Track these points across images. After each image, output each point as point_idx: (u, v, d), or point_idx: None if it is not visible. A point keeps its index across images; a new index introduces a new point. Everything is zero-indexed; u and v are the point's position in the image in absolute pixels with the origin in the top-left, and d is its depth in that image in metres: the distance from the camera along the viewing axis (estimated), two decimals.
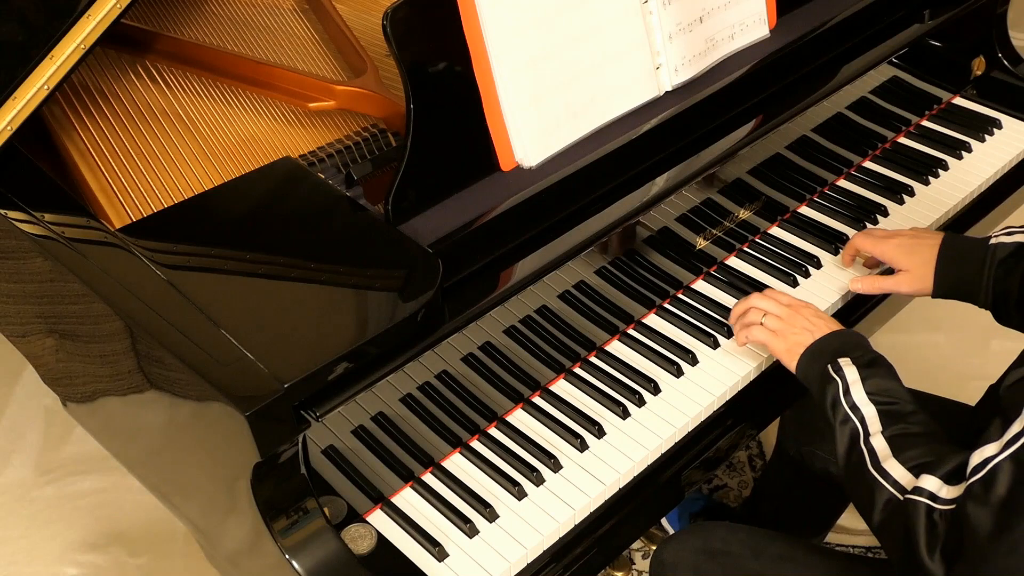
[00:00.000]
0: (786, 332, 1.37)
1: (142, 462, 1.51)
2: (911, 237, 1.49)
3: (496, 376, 1.37)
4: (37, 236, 1.29)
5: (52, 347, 1.48)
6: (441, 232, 1.28)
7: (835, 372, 1.28)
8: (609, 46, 1.41)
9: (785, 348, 1.36)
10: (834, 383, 1.27)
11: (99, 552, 2.14)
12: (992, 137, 1.87)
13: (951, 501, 1.10)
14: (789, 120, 1.60)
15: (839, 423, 1.25)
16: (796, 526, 1.86)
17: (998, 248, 1.42)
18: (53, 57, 1.28)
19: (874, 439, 1.21)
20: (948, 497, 1.10)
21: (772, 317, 1.39)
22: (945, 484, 1.11)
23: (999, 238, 1.43)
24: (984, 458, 1.05)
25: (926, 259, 1.46)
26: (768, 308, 1.40)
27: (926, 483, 1.12)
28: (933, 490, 1.11)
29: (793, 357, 1.35)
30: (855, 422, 1.23)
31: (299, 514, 1.15)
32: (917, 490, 1.12)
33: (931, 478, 1.12)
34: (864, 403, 1.24)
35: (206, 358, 1.10)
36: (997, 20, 1.93)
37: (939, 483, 1.11)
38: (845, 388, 1.26)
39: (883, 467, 1.18)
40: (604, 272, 1.45)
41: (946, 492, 1.10)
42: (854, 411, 1.24)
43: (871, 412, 1.23)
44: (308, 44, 1.70)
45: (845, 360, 1.29)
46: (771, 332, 1.38)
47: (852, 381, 1.26)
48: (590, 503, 1.29)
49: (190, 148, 1.48)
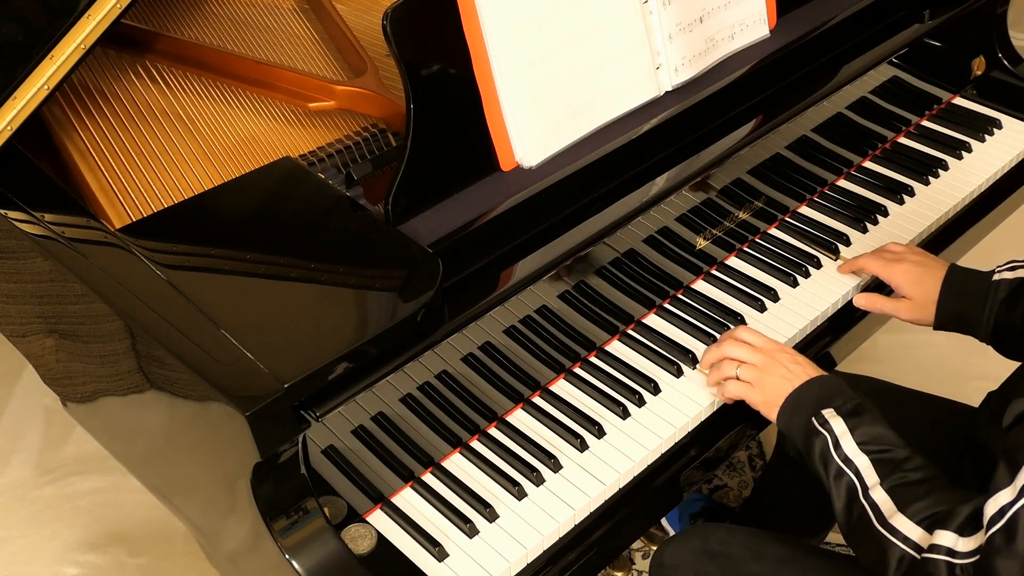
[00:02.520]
0: (763, 382, 1.33)
1: (142, 462, 1.51)
2: (917, 264, 1.49)
3: (496, 376, 1.37)
4: (37, 236, 1.29)
5: (52, 347, 1.48)
6: (441, 232, 1.28)
7: (821, 426, 1.25)
8: (609, 46, 1.41)
9: (763, 400, 1.33)
10: (821, 437, 1.24)
11: (99, 552, 2.14)
12: (992, 137, 1.87)
13: (969, 554, 1.07)
14: (789, 120, 1.60)
15: (833, 478, 1.22)
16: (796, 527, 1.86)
17: (1000, 285, 1.42)
18: (53, 57, 1.28)
19: (874, 492, 1.18)
20: (966, 550, 1.08)
21: (747, 367, 1.35)
22: (960, 537, 1.08)
23: (1002, 274, 1.43)
24: (1000, 507, 1.03)
25: (929, 290, 1.46)
26: (742, 357, 1.36)
27: (942, 539, 1.10)
28: (950, 545, 1.09)
29: (772, 409, 1.32)
30: (850, 476, 1.20)
31: (299, 514, 1.15)
32: (934, 548, 1.10)
33: (946, 533, 1.09)
34: (856, 454, 1.21)
35: (206, 358, 1.10)
36: (997, 20, 1.93)
37: (955, 537, 1.09)
38: (835, 441, 1.23)
39: (891, 524, 1.15)
40: (604, 272, 1.45)
41: (962, 545, 1.08)
42: (847, 464, 1.21)
43: (864, 463, 1.20)
44: (308, 44, 1.70)
45: (829, 411, 1.26)
46: (747, 385, 1.35)
47: (840, 433, 1.23)
48: (590, 503, 1.29)
49: (190, 148, 1.48)
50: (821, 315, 1.54)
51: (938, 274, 1.47)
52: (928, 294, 1.46)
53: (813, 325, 1.54)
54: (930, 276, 1.47)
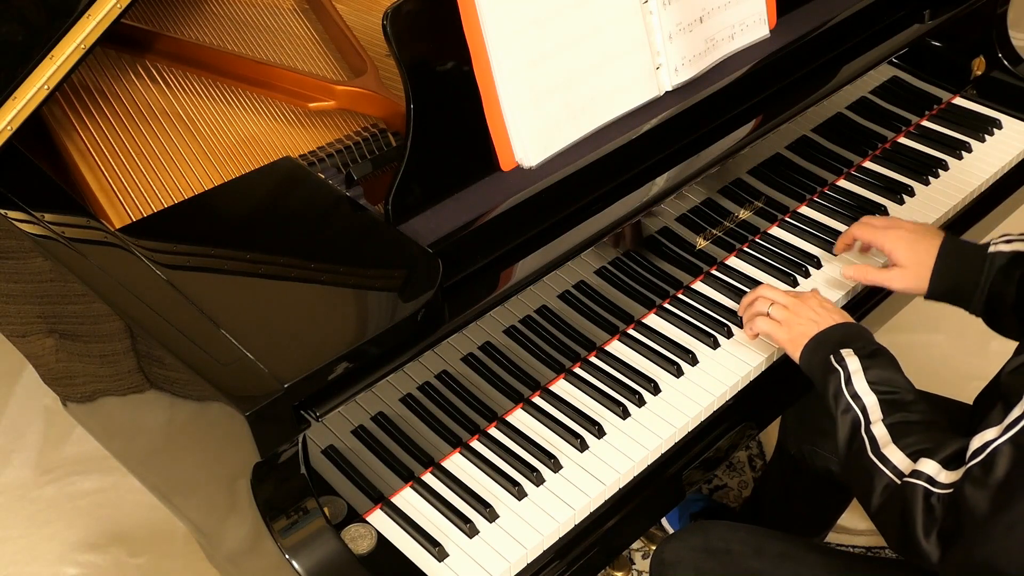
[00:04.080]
0: (791, 322, 1.38)
1: (142, 462, 1.51)
2: (911, 231, 1.49)
3: (496, 376, 1.37)
4: (37, 236, 1.29)
5: (52, 347, 1.48)
6: (441, 232, 1.28)
7: (837, 362, 1.30)
8: (609, 46, 1.41)
9: (789, 338, 1.38)
10: (836, 373, 1.29)
11: (99, 552, 2.14)
12: (992, 137, 1.87)
13: (949, 485, 1.11)
14: (789, 120, 1.60)
15: (840, 412, 1.26)
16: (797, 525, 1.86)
17: (996, 256, 1.42)
18: (53, 57, 1.28)
19: (875, 427, 1.22)
20: (946, 481, 1.11)
21: (778, 307, 1.41)
22: (944, 468, 1.12)
23: (998, 246, 1.43)
24: (984, 442, 1.07)
25: (923, 259, 1.46)
26: (775, 298, 1.42)
27: (924, 467, 1.14)
28: (931, 474, 1.13)
29: (797, 347, 1.36)
30: (856, 411, 1.25)
31: (299, 514, 1.15)
32: (915, 473, 1.14)
33: (930, 462, 1.14)
34: (865, 392, 1.25)
35: (206, 358, 1.10)
36: (997, 20, 1.93)
37: (937, 467, 1.13)
38: (847, 377, 1.27)
39: (882, 452, 1.19)
40: (604, 272, 1.45)
41: (944, 476, 1.12)
42: (855, 400, 1.25)
43: (872, 401, 1.24)
44: (308, 44, 1.70)
45: (847, 350, 1.30)
46: (776, 322, 1.40)
47: (854, 371, 1.27)
48: (590, 503, 1.29)
49: (190, 148, 1.48)
50: None
51: (933, 242, 1.46)
52: (922, 261, 1.46)
53: None
54: (924, 244, 1.47)
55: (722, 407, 1.43)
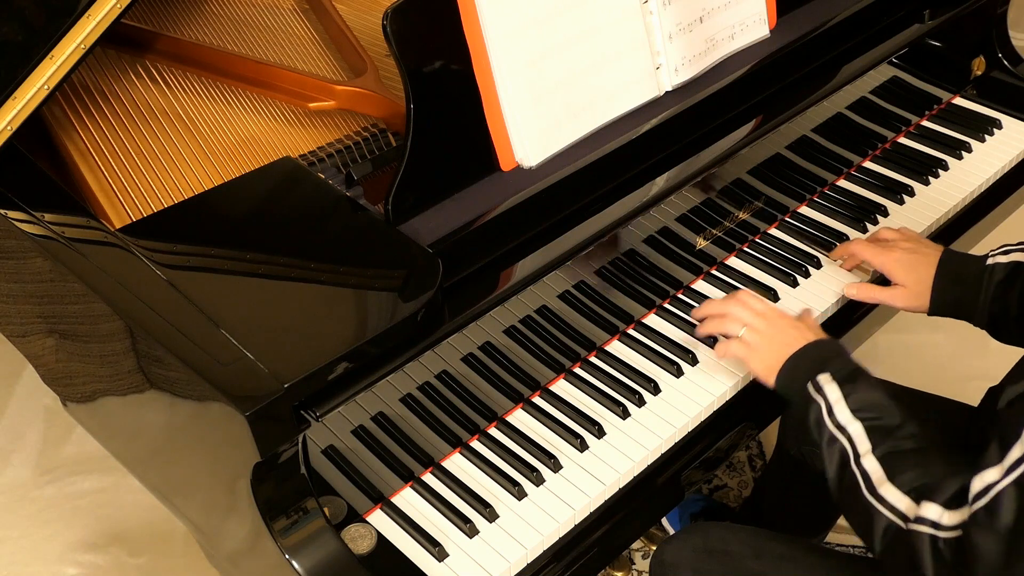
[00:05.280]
0: (762, 348, 1.34)
1: (142, 462, 1.51)
2: (910, 252, 1.49)
3: (496, 376, 1.37)
4: (37, 236, 1.29)
5: (52, 347, 1.48)
6: (441, 232, 1.28)
7: (816, 391, 1.25)
8: (609, 46, 1.41)
9: (764, 367, 1.34)
10: (816, 404, 1.24)
11: (99, 552, 2.14)
12: (992, 137, 1.87)
13: (954, 527, 1.08)
14: (789, 120, 1.60)
15: (826, 444, 1.22)
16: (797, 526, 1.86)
17: (995, 269, 1.42)
18: (53, 57, 1.28)
19: (865, 460, 1.18)
20: (950, 524, 1.08)
21: (752, 331, 1.36)
22: (946, 511, 1.09)
23: (995, 258, 1.43)
24: (986, 484, 1.03)
25: (923, 277, 1.46)
26: (747, 320, 1.37)
27: (927, 512, 1.10)
28: (935, 519, 1.09)
29: (771, 374, 1.32)
30: (843, 442, 1.20)
31: (299, 514, 1.15)
32: (919, 519, 1.10)
33: (932, 506, 1.10)
34: (849, 421, 1.21)
35: (206, 358, 1.10)
36: (997, 20, 1.93)
37: (940, 510, 1.09)
38: (828, 408, 1.23)
39: (879, 493, 1.15)
40: (604, 272, 1.45)
41: (947, 519, 1.08)
42: (840, 431, 1.21)
43: (857, 430, 1.20)
44: (308, 44, 1.70)
45: (824, 377, 1.25)
46: (748, 347, 1.36)
47: (835, 400, 1.23)
48: (590, 503, 1.29)
49: (190, 148, 1.48)
50: (821, 315, 1.54)
51: (931, 259, 1.46)
52: (922, 280, 1.46)
53: None
54: (923, 262, 1.46)
55: (722, 407, 1.43)
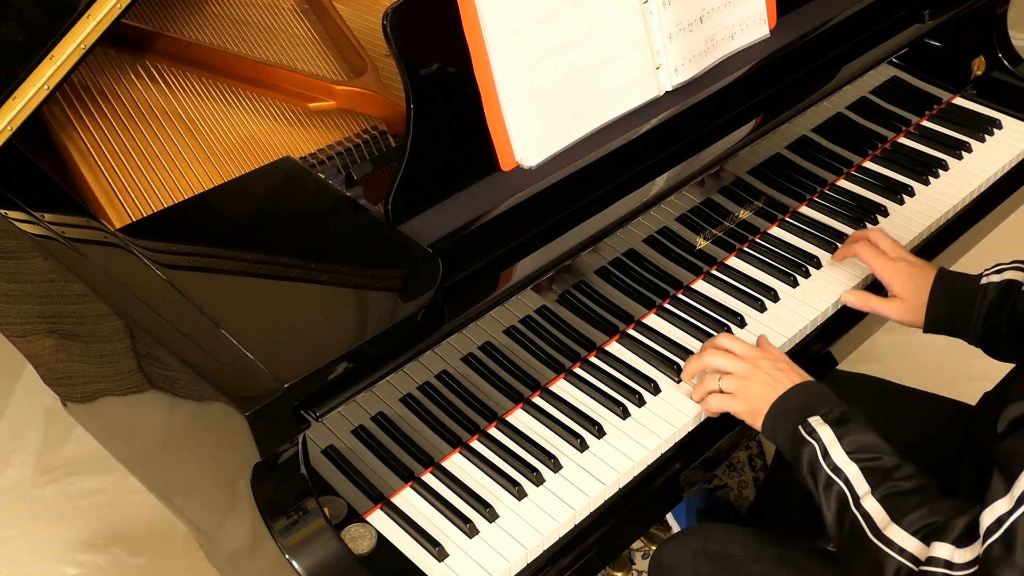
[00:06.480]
0: (745, 391, 1.32)
1: (142, 462, 1.51)
2: (913, 264, 1.49)
3: (496, 376, 1.37)
4: (37, 236, 1.29)
5: (52, 347, 1.48)
6: (441, 232, 1.28)
7: (808, 434, 1.23)
8: (609, 46, 1.41)
9: (747, 410, 1.32)
10: (809, 446, 1.22)
11: (99, 552, 2.14)
12: (992, 137, 1.87)
13: (966, 565, 1.07)
14: (789, 120, 1.60)
15: (822, 488, 1.21)
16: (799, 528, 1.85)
17: (988, 288, 1.42)
18: (53, 57, 1.28)
19: (866, 502, 1.17)
20: (963, 562, 1.07)
21: (728, 378, 1.34)
22: (957, 549, 1.08)
23: (989, 277, 1.43)
24: (997, 517, 1.03)
25: (922, 292, 1.46)
26: (723, 366, 1.35)
27: (939, 551, 1.09)
28: (947, 558, 1.08)
29: (757, 418, 1.31)
30: (840, 485, 1.19)
31: (299, 514, 1.15)
32: (931, 560, 1.09)
33: (943, 545, 1.09)
34: (845, 463, 1.20)
35: (206, 358, 1.10)
36: (997, 20, 1.93)
37: (951, 549, 1.08)
38: (823, 451, 1.21)
39: (886, 535, 1.14)
40: (604, 272, 1.45)
41: (959, 557, 1.07)
42: (837, 473, 1.20)
43: (855, 471, 1.19)
44: (308, 44, 1.70)
45: (815, 419, 1.24)
46: (729, 396, 1.33)
47: (829, 442, 1.21)
48: (590, 503, 1.29)
49: (190, 148, 1.48)
50: (821, 315, 1.54)
51: (929, 277, 1.47)
52: (920, 296, 1.46)
53: (813, 325, 1.54)
54: (923, 278, 1.47)
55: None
